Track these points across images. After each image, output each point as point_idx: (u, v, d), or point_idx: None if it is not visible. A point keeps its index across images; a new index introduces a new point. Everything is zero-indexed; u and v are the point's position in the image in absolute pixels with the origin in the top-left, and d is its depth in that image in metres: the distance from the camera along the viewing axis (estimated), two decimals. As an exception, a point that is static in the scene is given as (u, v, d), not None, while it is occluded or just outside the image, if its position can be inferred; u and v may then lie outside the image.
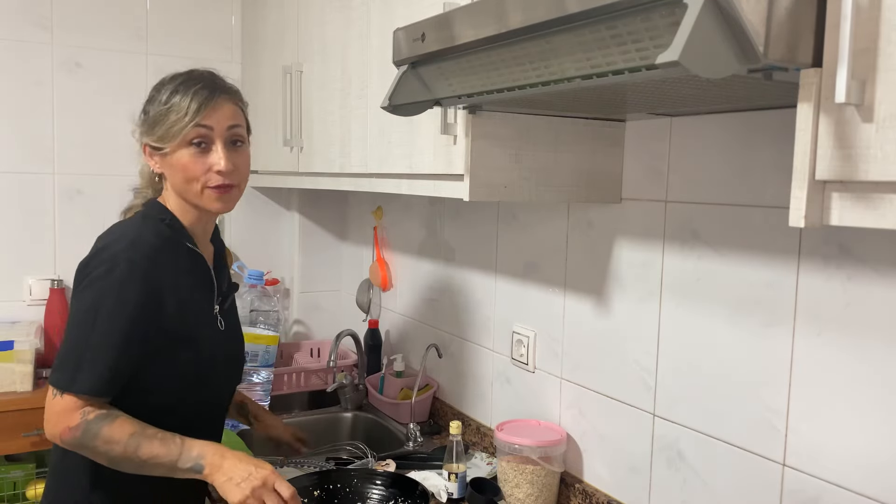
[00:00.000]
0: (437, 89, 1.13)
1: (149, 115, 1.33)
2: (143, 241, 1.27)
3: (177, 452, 1.22)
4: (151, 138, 1.31)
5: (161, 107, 1.30)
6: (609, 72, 0.81)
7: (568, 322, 1.63)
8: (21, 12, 2.29)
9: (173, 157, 1.30)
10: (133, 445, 1.20)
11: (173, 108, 1.29)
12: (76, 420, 1.20)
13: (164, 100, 1.31)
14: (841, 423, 1.09)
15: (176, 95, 1.30)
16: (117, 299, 1.22)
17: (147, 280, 1.24)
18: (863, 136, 0.68)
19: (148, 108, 1.34)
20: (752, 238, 1.22)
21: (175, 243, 1.33)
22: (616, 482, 1.52)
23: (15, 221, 2.33)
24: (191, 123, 1.28)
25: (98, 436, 1.20)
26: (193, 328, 1.33)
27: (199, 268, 1.38)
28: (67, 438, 1.21)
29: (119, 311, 1.22)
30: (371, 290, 2.48)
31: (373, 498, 1.56)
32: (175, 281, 1.30)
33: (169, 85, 1.33)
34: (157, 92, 1.34)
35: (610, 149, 1.45)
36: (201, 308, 1.37)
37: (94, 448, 1.21)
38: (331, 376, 2.31)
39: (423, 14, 1.26)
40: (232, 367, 1.47)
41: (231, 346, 1.45)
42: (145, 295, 1.24)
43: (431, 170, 1.43)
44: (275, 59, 2.27)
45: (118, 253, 1.24)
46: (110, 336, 1.22)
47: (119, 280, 1.22)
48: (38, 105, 2.33)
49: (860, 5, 0.67)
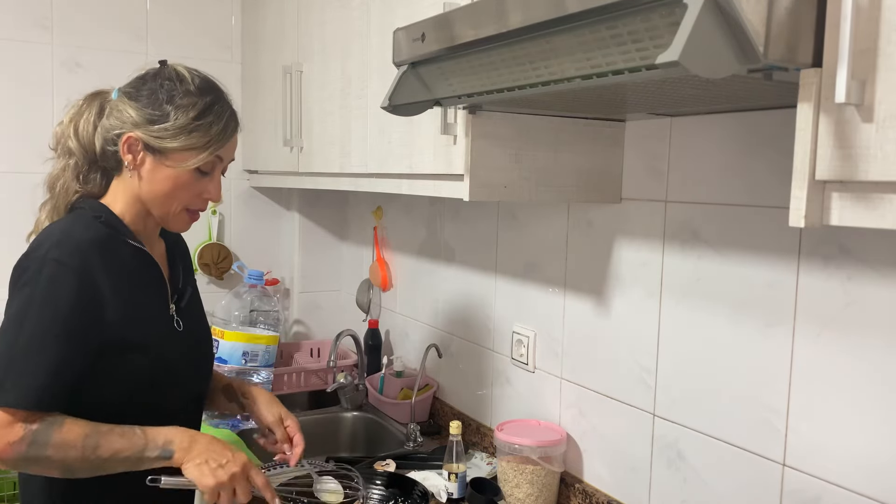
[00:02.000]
0: (437, 89, 1.13)
1: (165, 118, 1.19)
2: (72, 240, 1.15)
3: (141, 443, 1.13)
4: (157, 141, 1.19)
5: (185, 118, 1.19)
6: (609, 72, 0.81)
7: (568, 322, 1.63)
8: (21, 12, 2.29)
9: (169, 171, 1.20)
10: (91, 446, 1.10)
11: (200, 128, 1.20)
12: (18, 434, 1.07)
13: (192, 114, 1.19)
14: (841, 422, 1.09)
15: (207, 116, 1.20)
16: (46, 303, 1.11)
17: (80, 280, 1.13)
18: (863, 136, 0.68)
19: (167, 109, 1.19)
20: (752, 238, 1.22)
21: (114, 241, 1.20)
22: (616, 482, 1.52)
23: (15, 221, 2.33)
24: (212, 153, 1.21)
25: (48, 444, 1.08)
26: (143, 332, 1.21)
27: (146, 267, 1.26)
28: (10, 455, 1.08)
29: (49, 315, 1.10)
30: (371, 290, 2.48)
31: (373, 498, 1.56)
32: (115, 281, 1.17)
33: (197, 98, 1.21)
34: (185, 95, 1.21)
35: (610, 149, 1.45)
36: (152, 310, 1.25)
37: (44, 459, 1.09)
38: (331, 376, 2.31)
39: (423, 14, 1.26)
40: (195, 369, 1.34)
41: (192, 348, 1.33)
42: (78, 296, 1.12)
43: (431, 170, 1.43)
44: (275, 59, 2.27)
45: (45, 253, 1.13)
46: (40, 344, 1.10)
47: (46, 282, 1.11)
48: (38, 105, 2.33)
49: (860, 5, 0.67)
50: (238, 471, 1.15)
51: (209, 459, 1.14)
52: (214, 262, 2.55)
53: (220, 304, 2.42)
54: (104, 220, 1.21)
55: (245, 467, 1.17)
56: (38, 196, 1.23)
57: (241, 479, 1.16)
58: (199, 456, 1.14)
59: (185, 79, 1.23)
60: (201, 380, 1.38)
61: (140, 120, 1.20)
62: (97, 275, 1.15)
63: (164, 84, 1.22)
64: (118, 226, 1.22)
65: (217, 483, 1.13)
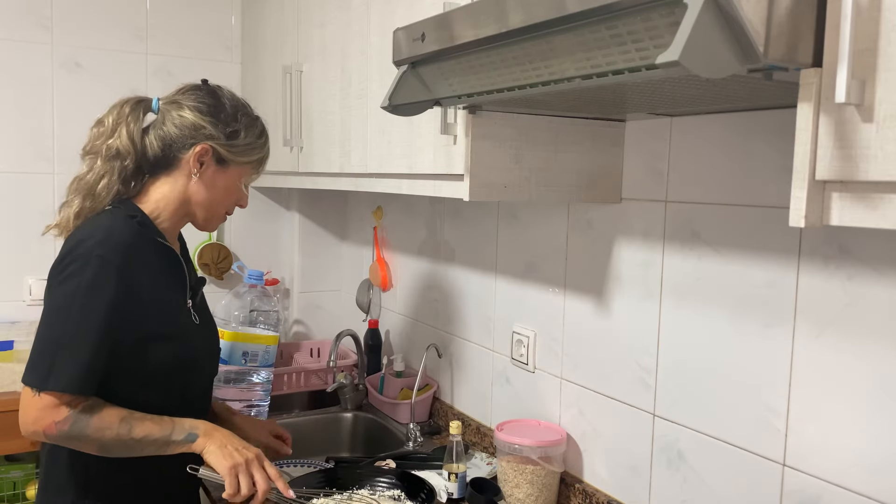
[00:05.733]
0: (437, 89, 1.13)
1: (237, 135, 1.37)
2: (115, 238, 1.26)
3: (169, 428, 1.26)
4: (228, 154, 1.37)
5: (252, 137, 1.40)
6: (609, 72, 0.81)
7: (568, 322, 1.63)
8: (21, 12, 2.29)
9: (226, 178, 1.38)
10: (125, 428, 1.23)
11: (259, 147, 1.41)
12: (63, 414, 1.21)
13: (257, 133, 1.41)
14: (841, 422, 1.09)
15: (263, 136, 1.43)
16: (90, 296, 1.22)
17: (121, 276, 1.24)
18: (863, 136, 0.68)
19: (238, 127, 1.38)
20: (752, 238, 1.22)
21: (147, 240, 1.32)
22: (616, 482, 1.52)
23: (15, 221, 2.33)
24: (258, 170, 1.44)
25: (89, 425, 1.22)
26: (172, 323, 1.35)
27: (172, 264, 1.39)
28: (53, 433, 1.22)
29: (92, 308, 1.22)
30: (371, 290, 2.48)
31: (383, 495, 1.57)
32: (149, 278, 1.30)
33: (257, 119, 1.43)
34: (247, 118, 1.40)
35: (610, 149, 1.45)
36: (178, 303, 1.38)
37: (84, 437, 1.22)
38: (331, 376, 2.31)
39: (423, 14, 1.26)
40: (211, 360, 1.49)
41: (207, 340, 1.47)
42: (119, 291, 1.23)
43: (431, 170, 1.43)
44: (275, 59, 2.27)
45: (90, 249, 1.23)
46: (85, 333, 1.21)
47: (92, 276, 1.22)
48: (38, 105, 2.33)
49: (860, 5, 0.67)
50: (253, 456, 1.28)
51: (227, 445, 1.28)
52: (214, 262, 2.55)
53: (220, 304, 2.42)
54: (139, 220, 1.32)
55: (260, 456, 1.30)
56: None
57: (256, 465, 1.28)
58: (219, 441, 1.28)
59: (240, 101, 1.42)
60: (213, 370, 1.50)
61: (216, 133, 1.35)
62: (135, 271, 1.27)
63: (227, 102, 1.39)
64: (150, 226, 1.35)
65: (234, 464, 1.25)
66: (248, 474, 1.26)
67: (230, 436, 1.30)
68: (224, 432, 1.30)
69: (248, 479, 1.26)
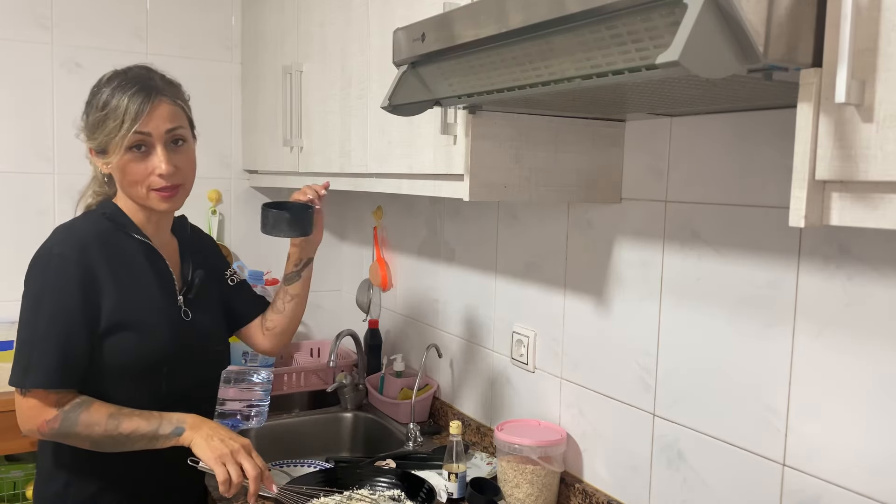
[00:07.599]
0: (437, 89, 1.13)
1: (88, 120, 1.34)
2: (75, 235, 1.32)
3: (156, 423, 1.29)
4: (93, 143, 1.34)
5: (98, 112, 1.31)
6: (609, 72, 0.81)
7: (568, 322, 1.63)
8: (21, 12, 2.29)
9: (115, 162, 1.32)
10: (113, 424, 1.27)
11: (110, 113, 1.29)
12: (52, 413, 1.26)
13: (100, 104, 1.30)
14: (841, 422, 1.09)
15: (113, 99, 1.29)
16: (54, 292, 1.27)
17: (79, 270, 1.28)
18: (863, 136, 0.68)
19: (87, 111, 1.34)
20: (752, 238, 1.22)
21: (116, 234, 1.36)
22: (616, 482, 1.52)
23: (15, 221, 2.33)
24: (129, 131, 1.28)
25: (78, 422, 1.26)
26: (137, 315, 1.34)
27: (149, 258, 1.40)
28: (46, 430, 1.27)
29: (57, 302, 1.27)
30: (371, 290, 2.48)
31: (383, 494, 1.57)
32: (114, 269, 1.32)
33: (105, 87, 1.32)
34: (94, 95, 1.34)
35: (610, 149, 1.45)
36: (150, 295, 1.38)
37: (74, 434, 1.27)
38: (331, 376, 2.31)
39: (423, 14, 1.26)
40: (194, 356, 1.43)
41: (197, 336, 1.44)
42: (80, 284, 1.27)
43: (431, 170, 1.43)
44: (275, 59, 2.27)
45: (50, 249, 1.30)
46: (53, 328, 1.26)
47: (53, 274, 1.28)
48: (38, 105, 2.33)
49: (860, 5, 0.67)
50: (239, 446, 1.29)
51: (213, 437, 1.29)
52: (214, 262, 2.54)
53: (220, 304, 2.42)
54: (108, 215, 1.37)
55: (247, 446, 1.31)
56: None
57: (243, 454, 1.28)
58: (205, 434, 1.29)
59: (101, 79, 1.35)
60: (204, 366, 1.47)
61: (85, 131, 1.36)
62: (96, 263, 1.30)
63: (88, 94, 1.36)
64: (122, 220, 1.37)
65: (220, 454, 1.26)
66: (235, 463, 1.27)
67: (217, 427, 1.32)
68: (211, 424, 1.32)
69: (236, 468, 1.26)
